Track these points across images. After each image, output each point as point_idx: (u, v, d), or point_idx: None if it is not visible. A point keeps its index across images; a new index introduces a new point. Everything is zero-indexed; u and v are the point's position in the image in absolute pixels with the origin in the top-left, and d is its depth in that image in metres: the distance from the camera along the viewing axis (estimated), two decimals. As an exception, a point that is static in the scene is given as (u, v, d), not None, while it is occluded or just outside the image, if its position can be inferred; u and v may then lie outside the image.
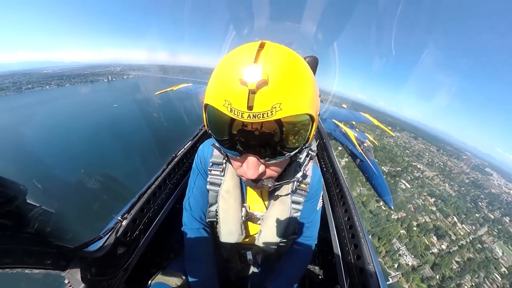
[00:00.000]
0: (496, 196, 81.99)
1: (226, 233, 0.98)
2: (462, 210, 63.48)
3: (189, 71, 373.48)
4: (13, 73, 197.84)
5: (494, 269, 44.54)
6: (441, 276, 40.46)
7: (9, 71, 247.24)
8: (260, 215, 1.00)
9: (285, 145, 0.58)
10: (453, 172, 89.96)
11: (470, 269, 43.32)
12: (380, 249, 40.39)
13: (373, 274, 0.95)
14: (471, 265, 43.93)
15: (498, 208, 71.56)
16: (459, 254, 46.57)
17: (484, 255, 47.96)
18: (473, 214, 64.13)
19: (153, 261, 1.38)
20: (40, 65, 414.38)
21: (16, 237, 0.55)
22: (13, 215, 0.52)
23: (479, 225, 59.30)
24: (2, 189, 0.49)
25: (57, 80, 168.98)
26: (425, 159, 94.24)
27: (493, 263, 45.69)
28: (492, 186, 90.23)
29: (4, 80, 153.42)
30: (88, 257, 0.84)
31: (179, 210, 1.13)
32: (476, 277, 42.01)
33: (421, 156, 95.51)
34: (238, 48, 0.60)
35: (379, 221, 44.60)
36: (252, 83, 0.46)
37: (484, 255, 47.84)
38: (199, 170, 1.04)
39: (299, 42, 5.55)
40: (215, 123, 0.60)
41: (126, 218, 1.05)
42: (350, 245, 1.16)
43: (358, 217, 1.26)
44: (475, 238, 52.65)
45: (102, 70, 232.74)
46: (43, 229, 0.60)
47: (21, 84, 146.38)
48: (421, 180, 72.69)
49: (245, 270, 1.21)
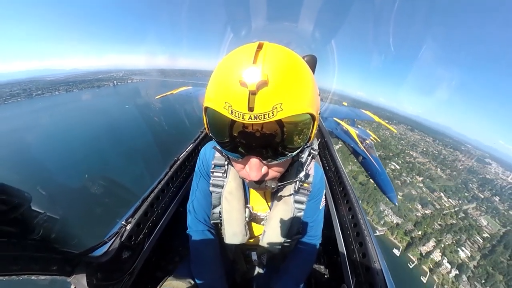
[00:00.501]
0: (490, 180, 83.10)
1: (231, 235, 0.98)
2: (450, 189, 66.15)
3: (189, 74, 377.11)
4: (19, 81, 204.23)
5: (477, 234, 49.34)
6: (423, 232, 45.36)
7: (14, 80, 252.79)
8: (263, 215, 1.00)
9: (286, 145, 0.58)
10: (447, 160, 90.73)
11: (451, 230, 47.83)
12: (368, 210, 46.02)
13: (380, 272, 0.94)
14: (453, 228, 48.42)
15: (489, 190, 74.22)
16: (442, 219, 50.87)
17: (468, 222, 52.09)
18: (462, 192, 66.84)
19: (158, 265, 1.39)
20: (41, 73, 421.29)
21: (22, 244, 0.56)
22: (19, 222, 0.53)
23: (467, 201, 62.43)
24: (7, 197, 0.49)
25: (65, 86, 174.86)
26: (419, 148, 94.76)
27: (476, 229, 50.88)
28: (487, 173, 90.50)
29: (13, 88, 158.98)
30: (93, 262, 0.84)
31: (182, 213, 1.13)
32: (457, 237, 46.37)
33: (416, 145, 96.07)
34: (236, 49, 0.59)
35: (367, 189, 49.92)
36: (252, 84, 0.46)
37: (467, 222, 51.98)
38: (201, 173, 1.04)
39: (297, 41, 5.57)
40: (215, 126, 0.60)
41: (130, 223, 1.06)
42: (355, 244, 1.15)
43: (363, 215, 1.25)
44: (460, 209, 56.56)
45: (105, 75, 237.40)
46: (48, 236, 0.61)
47: (31, 90, 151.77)
48: (412, 164, 74.96)
49: (250, 271, 1.21)
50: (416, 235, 44.49)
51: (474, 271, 40.30)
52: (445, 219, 51.45)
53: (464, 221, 52.68)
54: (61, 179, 30.48)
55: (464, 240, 46.71)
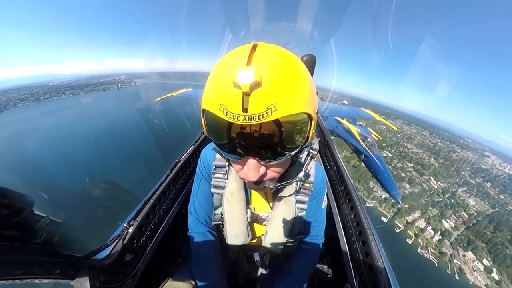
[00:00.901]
0: (484, 170, 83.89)
1: (233, 236, 0.98)
2: (441, 174, 67.97)
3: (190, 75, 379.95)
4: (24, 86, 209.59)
5: (463, 210, 52.03)
6: (409, 205, 49.45)
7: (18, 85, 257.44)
8: (265, 216, 1.00)
9: (284, 145, 0.58)
10: (442, 151, 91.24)
11: (437, 205, 51.55)
12: (359, 187, 50.25)
13: (383, 271, 0.94)
14: (439, 204, 52.04)
15: (482, 177, 75.68)
16: (428, 197, 53.82)
17: (455, 201, 54.67)
18: (452, 177, 68.89)
19: (160, 267, 1.39)
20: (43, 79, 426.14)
21: (24, 248, 0.56)
22: (21, 226, 0.53)
23: (457, 185, 64.45)
24: (9, 201, 0.49)
25: (70, 90, 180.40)
26: (415, 141, 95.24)
27: (462, 207, 53.49)
28: (483, 163, 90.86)
29: (19, 92, 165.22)
30: (96, 265, 0.84)
31: (184, 215, 1.13)
32: (442, 211, 49.80)
33: (411, 138, 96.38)
34: (231, 51, 0.60)
35: (359, 170, 52.96)
36: (245, 85, 0.46)
37: (454, 201, 55.44)
38: (202, 174, 1.05)
39: (296, 41, 5.57)
40: (213, 128, 0.60)
41: (132, 225, 1.06)
42: (358, 243, 1.15)
43: (365, 214, 1.25)
44: (448, 190, 59.48)
45: (108, 79, 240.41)
46: (51, 239, 0.61)
47: (38, 94, 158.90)
48: (405, 153, 76.41)
49: (253, 272, 1.21)
50: (402, 207, 48.57)
51: (456, 238, 43.22)
52: (431, 197, 53.95)
53: (451, 199, 55.31)
54: (63, 183, 30.61)
55: (449, 215, 49.31)
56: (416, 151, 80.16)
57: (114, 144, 44.14)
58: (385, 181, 12.60)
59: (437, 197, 54.45)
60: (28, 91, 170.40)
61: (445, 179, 65.12)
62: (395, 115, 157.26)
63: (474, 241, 42.57)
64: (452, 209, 51.27)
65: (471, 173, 77.13)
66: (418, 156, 76.26)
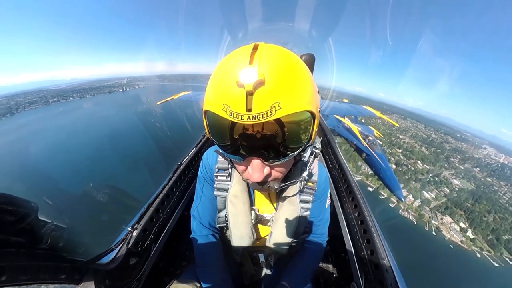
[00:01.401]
0: (476, 158, 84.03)
1: (238, 238, 0.98)
2: (430, 160, 68.99)
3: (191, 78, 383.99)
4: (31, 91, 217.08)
5: (446, 187, 54.55)
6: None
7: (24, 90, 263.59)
8: (269, 216, 1.00)
9: (288, 145, 0.57)
10: (436, 142, 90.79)
11: (420, 182, 54.07)
12: (349, 165, 55.02)
13: (389, 268, 0.93)
14: (422, 180, 54.43)
15: (472, 164, 76.42)
16: (412, 174, 57.28)
17: (438, 179, 57.28)
18: (440, 161, 70.19)
19: (165, 270, 1.39)
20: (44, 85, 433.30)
21: (30, 254, 0.56)
22: (26, 232, 0.53)
23: (444, 168, 66.32)
24: (14, 207, 0.50)
25: (77, 93, 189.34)
26: (409, 133, 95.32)
27: (445, 184, 55.56)
28: (476, 153, 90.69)
29: (26, 96, 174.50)
30: (101, 269, 0.84)
31: (188, 218, 1.13)
32: (425, 187, 52.36)
33: (405, 131, 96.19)
34: (232, 52, 0.60)
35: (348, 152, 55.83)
36: (248, 84, 0.46)
37: (438, 179, 57.18)
38: (205, 178, 1.04)
39: (294, 41, 5.57)
40: (216, 129, 0.60)
41: (136, 229, 1.06)
42: (363, 241, 1.14)
43: (369, 212, 1.24)
44: (433, 171, 60.39)
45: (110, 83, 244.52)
46: (56, 245, 0.61)
47: (47, 98, 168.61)
48: (396, 142, 77.12)
49: (258, 272, 1.20)
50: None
51: (436, 206, 46.28)
52: (416, 175, 55.85)
53: (435, 178, 57.06)
54: (66, 188, 30.83)
55: (431, 190, 52.03)
56: (409, 141, 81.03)
57: (116, 148, 44.40)
58: (387, 179, 12.45)
59: (421, 175, 56.81)
60: (35, 95, 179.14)
61: (432, 164, 66.66)
62: (391, 110, 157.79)
63: (453, 209, 45.75)
64: (435, 186, 53.92)
65: (460, 160, 77.90)
66: (409, 145, 77.39)
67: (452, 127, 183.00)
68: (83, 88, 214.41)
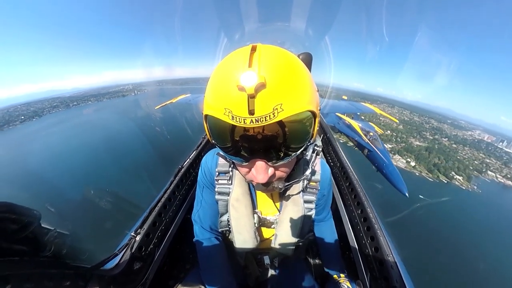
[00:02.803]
0: (453, 135, 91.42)
1: (241, 242, 0.96)
2: (401, 132, 79.73)
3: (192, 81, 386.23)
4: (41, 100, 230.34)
5: (405, 144, 67.68)
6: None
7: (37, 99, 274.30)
8: (273, 219, 0.98)
9: (289, 145, 0.57)
10: (416, 123, 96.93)
11: (395, 151, 65.58)
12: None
13: (394, 265, 0.92)
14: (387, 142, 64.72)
15: (443, 136, 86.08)
16: (394, 142, 68.91)
17: (402, 141, 69.82)
18: (411, 133, 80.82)
19: (170, 274, 1.38)
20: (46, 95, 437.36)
21: (34, 261, 0.56)
22: (30, 240, 0.53)
23: (412, 137, 77.41)
24: (17, 216, 0.50)
25: (94, 97, 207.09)
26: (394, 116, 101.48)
27: (406, 143, 68.81)
28: (466, 136, 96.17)
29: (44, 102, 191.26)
30: (105, 275, 0.84)
31: (190, 221, 1.13)
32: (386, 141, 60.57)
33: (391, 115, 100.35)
34: (230, 54, 0.59)
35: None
36: (250, 87, 0.45)
37: (401, 140, 69.90)
38: (204, 183, 1.02)
39: (291, 40, 5.57)
40: (217, 132, 0.60)
41: (139, 233, 1.06)
42: (367, 238, 1.13)
43: (372, 209, 1.23)
44: (400, 137, 74.52)
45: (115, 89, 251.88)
46: (60, 252, 0.61)
47: (67, 102, 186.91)
48: (376, 121, 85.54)
49: (263, 274, 1.20)
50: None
51: (388, 149, 52.01)
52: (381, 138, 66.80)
53: (397, 139, 70.27)
54: (68, 195, 30.88)
55: (392, 145, 64.75)
56: (389, 122, 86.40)
57: (117, 154, 44.49)
58: (390, 175, 12.30)
59: (387, 141, 67.42)
60: (50, 102, 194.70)
61: (415, 139, 75.32)
62: (381, 101, 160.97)
63: (403, 152, 59.87)
64: (396, 143, 67.82)
65: (431, 133, 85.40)
66: (387, 124, 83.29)
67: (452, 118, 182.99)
68: (87, 95, 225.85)
